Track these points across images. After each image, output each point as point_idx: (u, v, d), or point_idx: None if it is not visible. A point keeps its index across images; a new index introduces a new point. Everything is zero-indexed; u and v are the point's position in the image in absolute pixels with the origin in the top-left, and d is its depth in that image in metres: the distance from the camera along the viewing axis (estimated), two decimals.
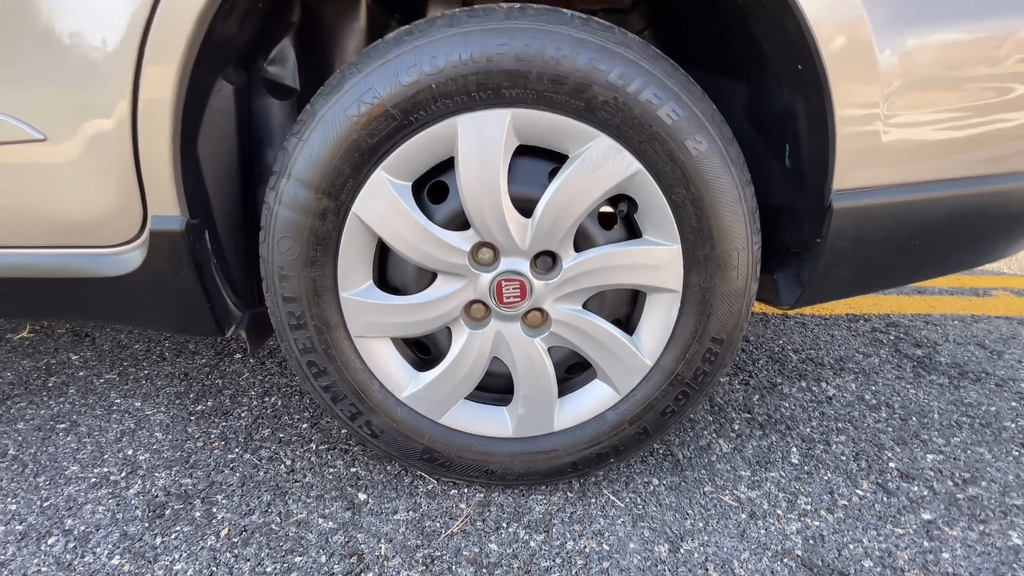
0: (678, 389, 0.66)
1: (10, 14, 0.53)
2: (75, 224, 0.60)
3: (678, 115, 0.54)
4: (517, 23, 0.52)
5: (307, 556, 0.63)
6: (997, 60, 0.54)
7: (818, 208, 0.60)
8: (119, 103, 0.53)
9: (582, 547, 0.65)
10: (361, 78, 0.53)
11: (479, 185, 0.57)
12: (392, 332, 0.65)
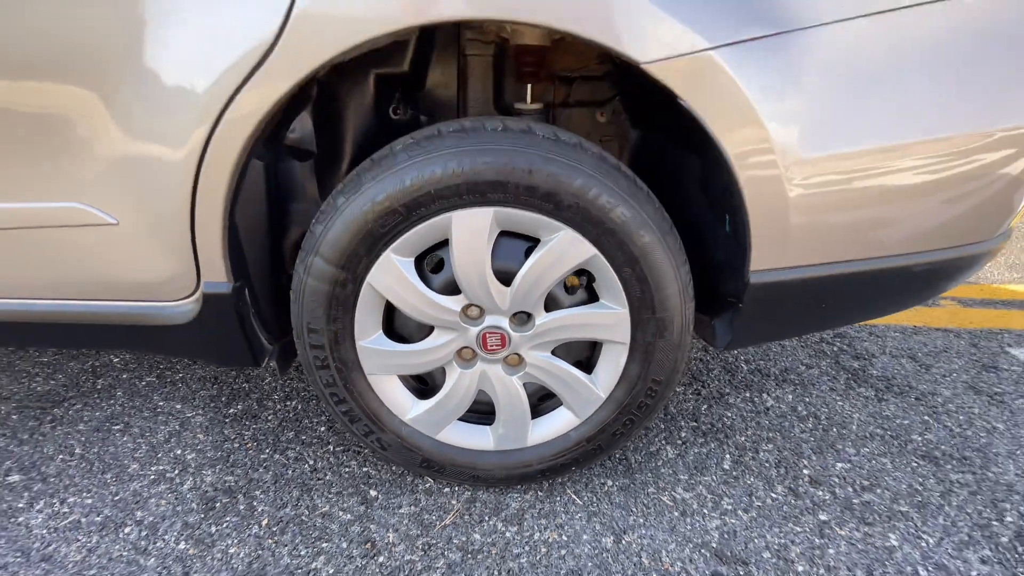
0: (626, 416, 0.82)
1: (92, 122, 0.66)
2: (142, 285, 0.74)
3: (626, 216, 0.68)
4: (499, 144, 0.65)
5: (331, 543, 0.81)
6: (881, 173, 0.68)
7: (741, 280, 0.75)
8: (182, 197, 0.67)
9: (547, 538, 0.83)
10: (375, 183, 0.67)
11: (469, 263, 0.71)
12: (398, 371, 0.81)
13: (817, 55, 0.60)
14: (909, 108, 0.64)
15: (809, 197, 0.66)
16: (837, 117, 0.63)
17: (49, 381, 1.20)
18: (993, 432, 1.11)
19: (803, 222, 0.69)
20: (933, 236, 0.74)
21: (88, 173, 0.67)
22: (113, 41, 0.60)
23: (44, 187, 0.68)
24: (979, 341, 1.49)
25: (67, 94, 0.64)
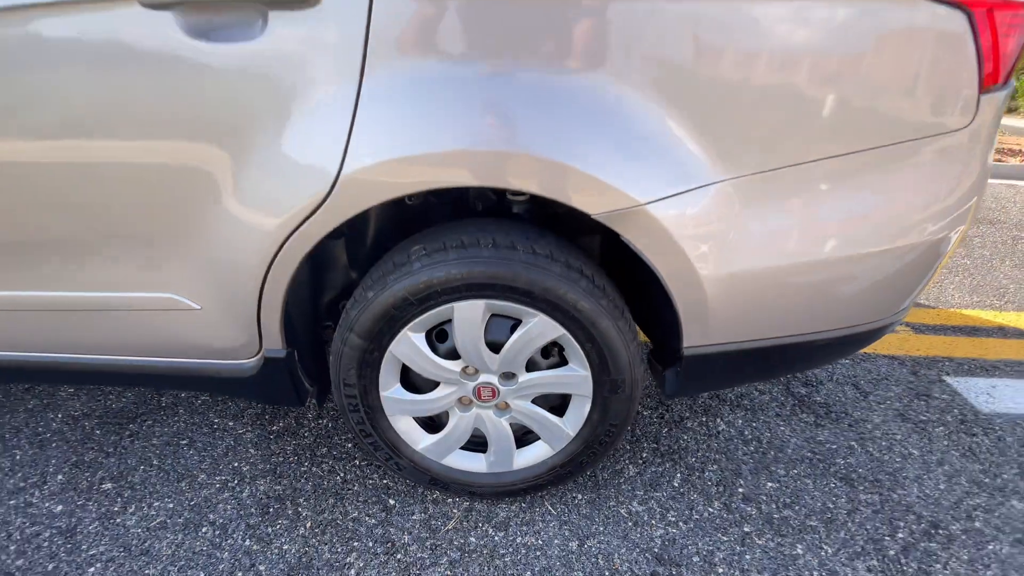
0: (590, 449, 1.05)
1: (187, 236, 0.87)
2: (218, 350, 0.97)
3: (586, 307, 0.89)
4: (490, 257, 0.86)
5: (361, 542, 1.05)
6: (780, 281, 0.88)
7: (679, 352, 0.96)
8: (253, 291, 0.89)
9: (526, 541, 1.07)
10: (395, 282, 0.88)
11: (467, 339, 0.93)
12: (412, 414, 1.04)
13: (717, 201, 0.80)
14: (788, 230, 0.84)
15: (724, 300, 0.87)
16: (741, 244, 0.83)
17: (121, 399, 1.44)
18: (908, 458, 1.32)
19: (720, 317, 0.89)
20: (827, 321, 0.94)
21: (181, 272, 0.89)
22: (216, 182, 0.81)
23: (144, 282, 0.90)
24: (920, 369, 1.69)
25: (170, 214, 0.85)
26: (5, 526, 1.08)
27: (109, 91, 0.74)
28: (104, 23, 0.70)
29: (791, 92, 0.75)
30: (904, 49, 0.74)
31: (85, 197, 0.83)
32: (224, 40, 0.70)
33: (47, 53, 0.72)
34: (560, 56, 0.72)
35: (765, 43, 0.72)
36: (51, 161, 0.80)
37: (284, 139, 0.75)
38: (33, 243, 0.88)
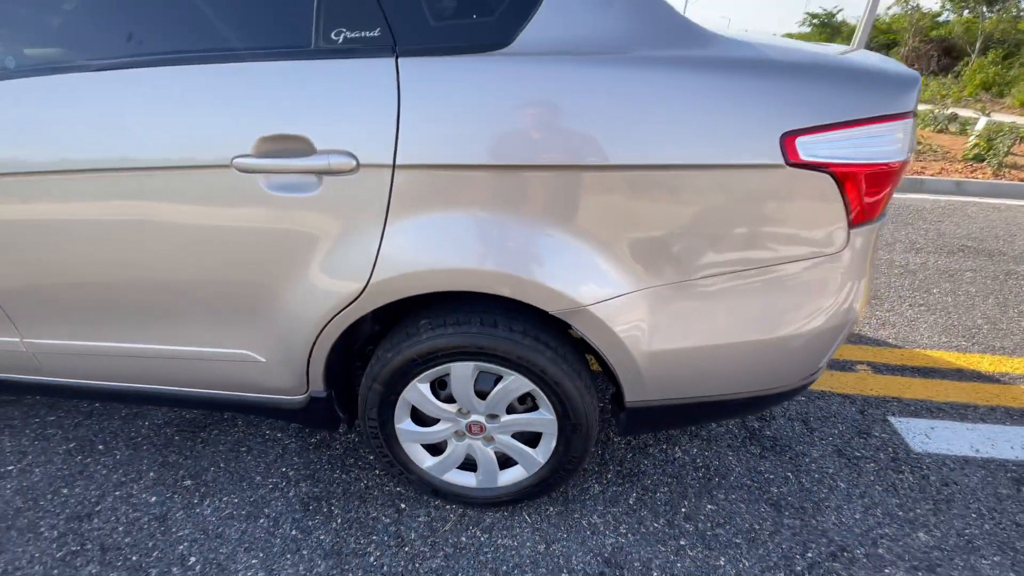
0: (556, 473, 1.34)
1: (263, 313, 1.19)
2: (275, 388, 1.29)
3: (551, 370, 1.17)
4: (477, 332, 1.15)
5: (378, 536, 1.37)
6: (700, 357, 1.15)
7: (623, 404, 1.24)
8: (304, 351, 1.20)
9: (505, 542, 1.37)
10: (407, 347, 1.18)
11: (461, 389, 1.23)
12: (419, 441, 1.34)
13: (639, 302, 1.07)
14: (695, 323, 1.11)
15: (651, 370, 1.14)
16: (660, 331, 1.10)
17: (192, 412, 1.80)
18: (834, 489, 1.57)
19: (649, 381, 1.17)
20: (735, 386, 1.20)
21: (256, 337, 1.21)
22: (285, 280, 1.12)
23: (211, 337, 1.23)
24: (868, 408, 1.92)
25: (253, 301, 1.17)
26: (114, 511, 1.44)
27: (214, 223, 1.06)
28: (211, 178, 1.01)
29: (695, 231, 1.02)
30: (787, 199, 1.00)
31: (201, 291, 1.15)
32: (292, 192, 1.01)
33: (172, 193, 1.04)
34: (526, 210, 1.00)
35: (679, 200, 0.99)
36: (177, 272, 1.12)
37: (333, 255, 1.06)
38: (159, 315, 1.21)
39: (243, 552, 1.33)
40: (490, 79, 0.94)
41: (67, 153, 1.03)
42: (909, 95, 0.99)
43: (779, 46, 1.05)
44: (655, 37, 0.96)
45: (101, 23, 1.03)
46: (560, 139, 0.95)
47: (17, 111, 1.04)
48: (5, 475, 1.54)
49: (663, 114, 0.94)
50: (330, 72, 0.96)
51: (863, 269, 1.12)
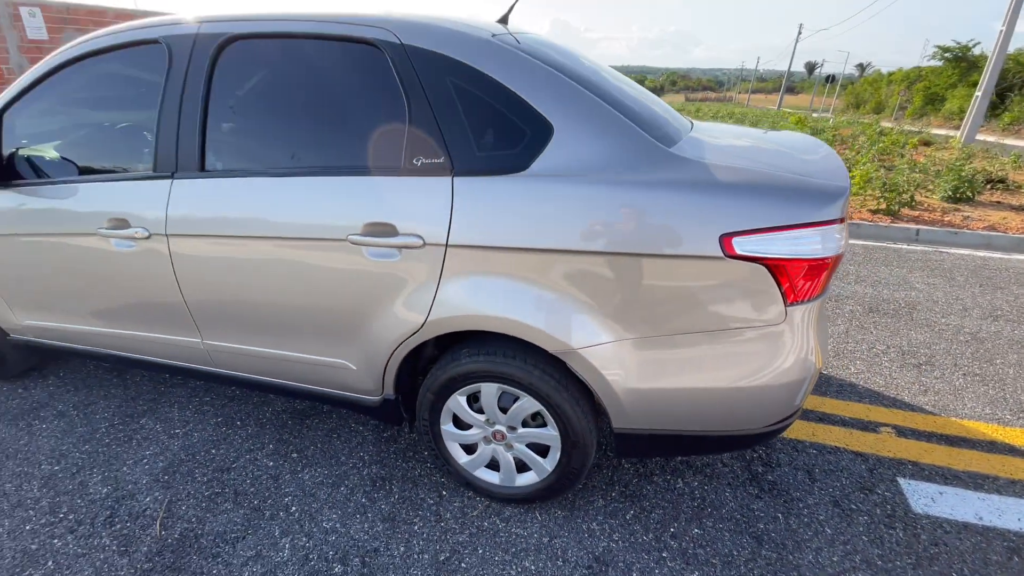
0: (562, 480, 1.68)
1: (355, 331, 1.70)
2: (360, 390, 1.79)
3: (554, 397, 1.54)
4: (501, 361, 1.56)
5: (423, 513, 1.79)
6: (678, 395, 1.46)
7: (612, 428, 1.57)
8: (382, 363, 1.68)
9: (518, 531, 1.72)
10: (452, 368, 1.62)
11: (488, 404, 1.64)
12: (457, 441, 1.77)
13: (621, 349, 1.41)
14: (664, 368, 1.42)
15: (632, 402, 1.47)
16: (637, 373, 1.43)
17: (301, 403, 2.38)
18: (819, 533, 1.74)
19: (630, 412, 1.49)
20: (705, 424, 1.49)
21: (351, 351, 1.72)
22: (373, 315, 1.62)
23: (322, 349, 1.75)
24: (879, 468, 2.03)
25: (351, 328, 1.68)
26: (245, 469, 2.00)
27: (333, 274, 1.58)
28: (334, 246, 1.54)
29: (658, 300, 1.36)
30: (728, 282, 1.31)
31: (320, 317, 1.68)
32: (383, 258, 1.50)
33: (310, 254, 1.58)
34: (532, 277, 1.41)
35: (644, 277, 1.34)
36: (307, 303, 1.67)
37: (405, 300, 1.54)
38: (291, 331, 1.77)
39: (327, 509, 1.81)
40: (511, 192, 1.38)
41: (249, 225, 1.62)
42: (832, 206, 1.27)
43: (733, 163, 1.38)
44: (629, 163, 1.34)
45: (276, 148, 1.62)
46: (555, 232, 1.36)
47: (224, 198, 1.65)
48: (174, 436, 2.18)
49: (630, 221, 1.31)
50: (410, 184, 1.46)
51: (807, 336, 1.38)
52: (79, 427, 2.23)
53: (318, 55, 1.57)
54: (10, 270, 2.08)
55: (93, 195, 1.80)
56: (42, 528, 1.74)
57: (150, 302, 1.88)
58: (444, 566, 1.61)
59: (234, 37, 1.63)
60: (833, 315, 3.33)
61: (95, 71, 1.86)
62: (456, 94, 1.44)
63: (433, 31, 1.48)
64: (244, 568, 1.60)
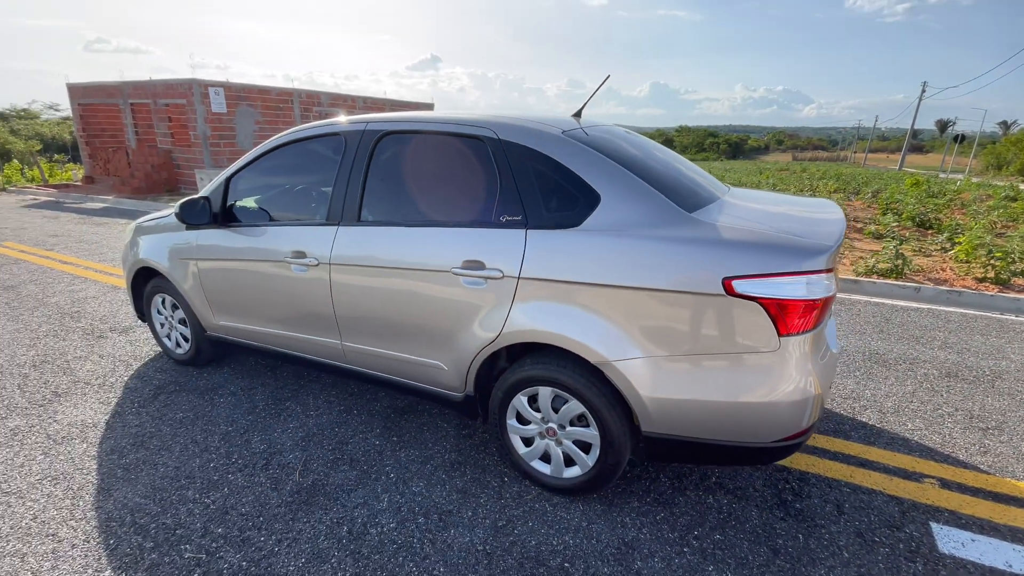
0: (601, 475, 2.06)
1: (444, 338, 2.26)
2: (448, 386, 2.32)
3: (594, 401, 1.95)
4: (556, 369, 2.02)
5: (488, 492, 2.24)
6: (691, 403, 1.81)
7: (639, 432, 1.94)
8: (466, 365, 2.21)
9: (561, 515, 2.10)
10: (520, 373, 2.10)
11: (544, 404, 2.09)
12: (518, 434, 2.22)
13: (647, 363, 1.81)
14: (680, 381, 1.78)
15: (655, 408, 1.84)
16: (660, 383, 1.81)
17: (405, 401, 2.97)
18: (836, 555, 1.92)
19: (655, 416, 1.86)
20: (717, 433, 1.81)
21: (445, 354, 2.27)
22: (462, 326, 2.17)
23: (424, 352, 2.32)
24: (912, 512, 2.14)
25: (445, 336, 2.24)
26: (358, 444, 2.59)
27: (439, 296, 2.17)
28: (441, 276, 2.13)
29: (677, 326, 1.75)
30: (731, 315, 1.69)
31: (426, 327, 2.27)
32: (474, 286, 2.07)
33: (424, 281, 2.19)
34: (579, 302, 1.88)
35: (665, 307, 1.76)
36: (418, 318, 2.27)
37: (486, 318, 2.07)
38: (405, 337, 2.37)
39: (416, 479, 2.33)
40: (567, 241, 1.89)
41: (386, 260, 2.27)
42: (814, 260, 1.63)
43: (740, 224, 1.79)
44: (653, 223, 1.80)
45: (408, 206, 2.29)
46: (596, 270, 1.83)
47: (371, 240, 2.33)
48: (309, 416, 2.85)
49: (654, 264, 1.76)
50: (497, 234, 2.02)
51: (802, 364, 1.70)
52: (244, 403, 3.00)
53: (442, 145, 2.24)
54: (218, 284, 2.94)
55: (284, 235, 2.60)
56: (221, 467, 2.44)
57: (310, 311, 2.60)
58: (501, 530, 2.03)
59: (387, 132, 2.37)
60: (903, 375, 3.34)
61: (294, 151, 2.71)
62: (533, 173, 2.01)
63: (520, 129, 2.08)
64: (355, 510, 2.15)
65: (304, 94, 15.26)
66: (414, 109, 20.57)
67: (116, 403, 3.00)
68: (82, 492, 2.27)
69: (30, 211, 10.34)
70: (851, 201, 12.46)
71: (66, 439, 2.65)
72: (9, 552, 1.94)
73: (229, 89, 13.31)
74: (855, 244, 7.41)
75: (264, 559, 1.91)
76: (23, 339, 3.89)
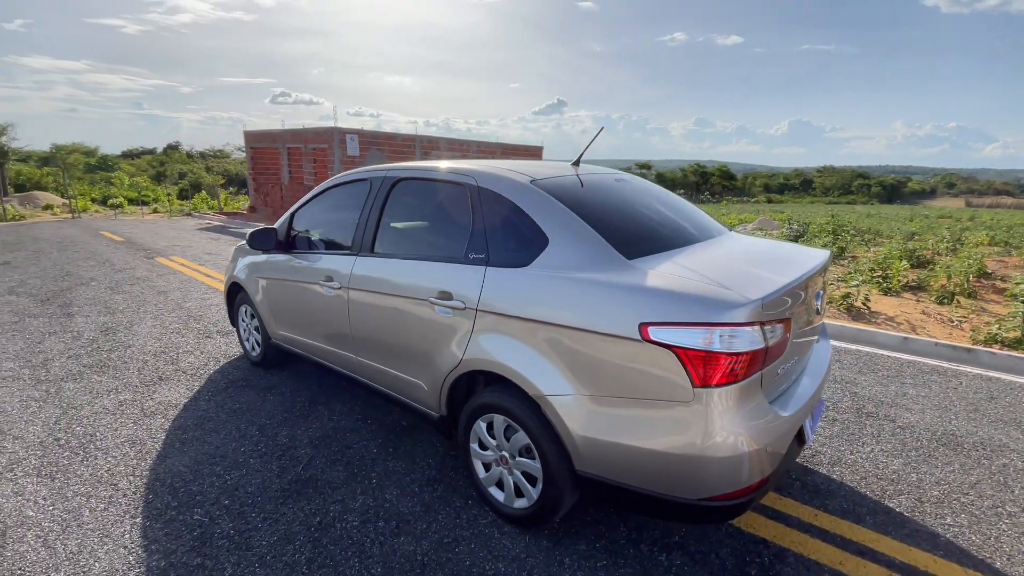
0: (544, 509, 2.10)
1: (425, 357, 2.50)
2: (427, 404, 2.54)
3: (537, 434, 2.03)
4: (506, 398, 2.14)
5: (451, 510, 2.38)
6: (619, 447, 1.81)
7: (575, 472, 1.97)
8: (440, 382, 2.42)
9: (506, 543, 2.17)
10: (477, 398, 2.26)
11: (498, 432, 2.21)
12: (479, 459, 2.35)
13: (576, 401, 1.86)
14: (602, 422, 1.79)
15: (583, 447, 1.87)
16: (586, 422, 1.84)
17: (406, 420, 3.24)
18: None
19: (583, 455, 1.88)
20: (649, 483, 1.78)
21: (424, 374, 2.50)
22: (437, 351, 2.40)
23: (410, 370, 2.56)
24: None
25: (426, 354, 2.48)
26: (358, 452, 2.90)
27: (418, 321, 2.43)
28: (421, 304, 2.40)
29: (600, 367, 1.80)
30: (648, 360, 1.69)
31: (411, 347, 2.54)
32: (445, 313, 2.29)
33: (408, 307, 2.47)
34: (523, 337, 1.99)
35: (588, 347, 1.81)
36: (403, 339, 2.55)
37: (452, 342, 2.27)
38: (395, 356, 2.66)
39: (392, 487, 2.55)
40: (517, 279, 2.04)
41: (387, 286, 2.60)
42: (732, 312, 1.59)
43: (677, 271, 1.80)
44: (591, 265, 1.89)
45: (408, 241, 2.61)
46: (537, 306, 1.95)
47: (378, 268, 2.68)
48: (331, 420, 3.23)
49: (584, 305, 1.83)
50: (465, 269, 2.24)
51: (726, 420, 1.63)
52: (287, 402, 3.49)
53: (438, 190, 2.55)
54: (277, 301, 3.51)
55: (321, 261, 3.07)
56: (247, 452, 2.89)
57: (335, 326, 3.01)
58: (444, 546, 2.16)
59: (401, 179, 2.74)
60: (973, 463, 2.83)
61: (339, 192, 3.21)
62: (499, 216, 2.21)
63: (495, 177, 2.31)
64: (332, 505, 2.43)
65: (425, 139, 16.96)
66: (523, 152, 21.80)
67: (197, 390, 3.68)
68: (146, 456, 2.85)
69: (201, 233, 12.79)
70: (1007, 257, 10.46)
71: (153, 413, 3.33)
72: (81, 492, 2.53)
73: (362, 136, 15.30)
74: (988, 307, 6.27)
75: (248, 531, 2.26)
76: (155, 333, 4.90)
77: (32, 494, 2.51)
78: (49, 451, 2.89)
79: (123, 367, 4.08)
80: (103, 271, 7.75)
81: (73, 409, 3.39)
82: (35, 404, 3.45)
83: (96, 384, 3.77)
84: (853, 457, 2.86)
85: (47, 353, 4.37)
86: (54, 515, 2.36)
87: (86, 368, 4.06)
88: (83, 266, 8.15)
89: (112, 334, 4.87)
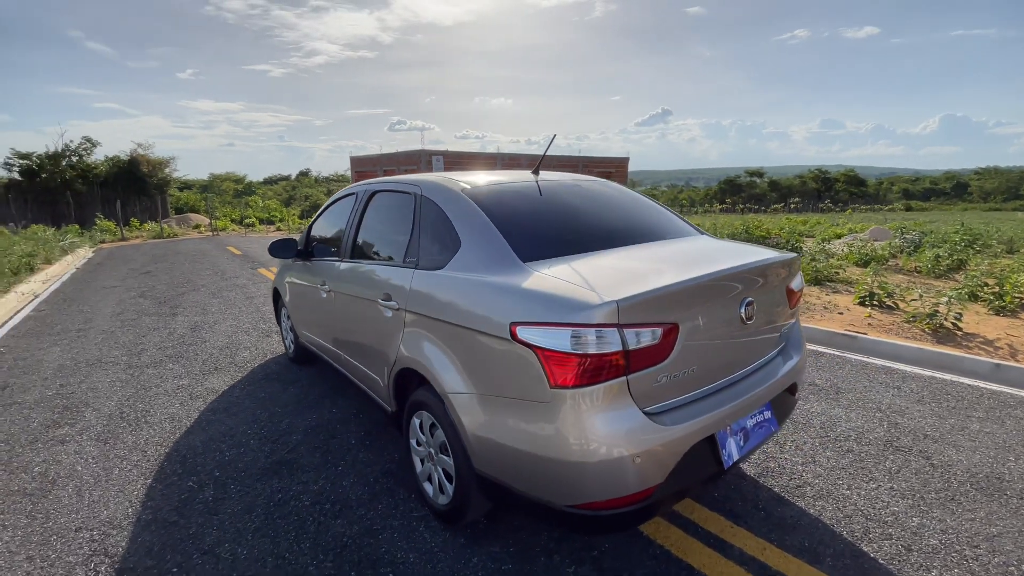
0: (457, 507, 2.16)
1: (380, 347, 2.68)
2: (383, 397, 2.72)
3: (449, 432, 2.11)
4: (428, 395, 2.24)
5: (393, 499, 2.52)
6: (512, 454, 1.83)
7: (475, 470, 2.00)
8: (387, 382, 2.59)
9: (426, 536, 2.26)
10: (411, 396, 2.39)
11: (425, 429, 2.32)
12: (416, 455, 2.47)
13: (470, 400, 1.90)
14: (489, 422, 1.81)
15: (476, 446, 1.91)
16: (477, 421, 1.88)
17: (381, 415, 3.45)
18: None
19: (480, 454, 1.92)
20: (528, 485, 1.77)
21: (379, 369, 2.69)
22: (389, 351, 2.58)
23: (370, 365, 2.75)
24: None
25: (379, 350, 2.67)
26: (340, 441, 3.15)
27: (371, 318, 2.63)
28: (373, 303, 2.60)
29: (485, 365, 1.84)
30: (518, 359, 1.70)
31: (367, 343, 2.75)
32: (388, 312, 2.47)
33: (362, 308, 2.69)
34: (435, 337, 2.09)
35: (474, 345, 1.87)
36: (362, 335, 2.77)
37: (392, 341, 2.44)
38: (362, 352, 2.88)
39: (351, 476, 2.76)
40: (432, 281, 2.16)
41: (355, 289, 2.85)
42: (584, 313, 1.56)
43: (560, 273, 1.80)
44: (487, 267, 1.94)
45: (373, 246, 2.84)
46: (442, 307, 2.05)
47: (351, 271, 2.95)
48: (332, 411, 3.54)
49: (475, 304, 1.90)
50: (401, 272, 2.40)
51: (582, 423, 1.59)
52: (301, 394, 3.89)
53: (397, 200, 2.75)
54: (301, 303, 3.95)
55: (321, 265, 3.43)
56: (252, 433, 3.28)
57: (328, 323, 3.33)
58: (370, 532, 2.31)
59: (376, 191, 2.99)
60: (1006, 512, 2.34)
61: (340, 204, 3.55)
62: (429, 222, 2.34)
63: (434, 186, 2.45)
64: (295, 485, 2.69)
65: (507, 156, 17.56)
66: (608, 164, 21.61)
67: (239, 380, 4.23)
68: (177, 431, 3.36)
69: None
70: None
71: (198, 397, 3.91)
72: (119, 455, 3.07)
73: (447, 156, 16.29)
74: None
75: (222, 499, 2.59)
76: (229, 332, 5.68)
77: (87, 454, 3.10)
78: (113, 421, 3.53)
79: (193, 358, 4.81)
80: (213, 279, 9.11)
81: (144, 390, 4.08)
82: (119, 384, 4.22)
83: (168, 371, 4.49)
84: (848, 493, 2.51)
85: (145, 344, 5.29)
86: (94, 471, 2.90)
87: (167, 358, 4.85)
88: (202, 275, 9.64)
89: (197, 331, 5.74)
